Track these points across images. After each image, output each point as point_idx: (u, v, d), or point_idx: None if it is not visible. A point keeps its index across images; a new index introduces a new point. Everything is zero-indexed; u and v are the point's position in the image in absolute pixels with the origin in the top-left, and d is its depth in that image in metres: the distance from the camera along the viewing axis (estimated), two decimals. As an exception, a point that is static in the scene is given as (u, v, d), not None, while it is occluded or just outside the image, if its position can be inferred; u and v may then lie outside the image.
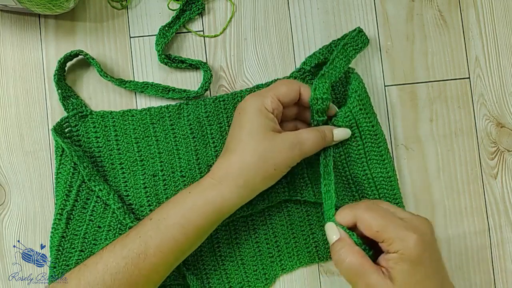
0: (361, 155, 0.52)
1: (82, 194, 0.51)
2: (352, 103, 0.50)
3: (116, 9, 0.55)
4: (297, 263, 0.53)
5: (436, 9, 0.56)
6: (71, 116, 0.52)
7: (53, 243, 0.51)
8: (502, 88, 0.56)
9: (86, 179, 0.50)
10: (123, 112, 0.53)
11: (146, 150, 0.53)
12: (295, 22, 0.56)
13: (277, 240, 0.53)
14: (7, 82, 0.54)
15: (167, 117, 0.53)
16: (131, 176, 0.53)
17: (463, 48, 0.57)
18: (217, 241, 0.53)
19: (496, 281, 0.55)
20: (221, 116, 0.54)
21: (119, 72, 0.55)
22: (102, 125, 0.53)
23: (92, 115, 0.53)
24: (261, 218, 0.54)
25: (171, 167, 0.53)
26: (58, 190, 0.51)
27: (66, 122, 0.52)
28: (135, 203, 0.52)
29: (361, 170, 0.52)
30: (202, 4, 0.55)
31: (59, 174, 0.51)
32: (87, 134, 0.53)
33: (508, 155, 0.56)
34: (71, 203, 0.51)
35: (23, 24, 0.55)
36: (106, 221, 0.51)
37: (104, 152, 0.53)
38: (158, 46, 0.53)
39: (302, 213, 0.54)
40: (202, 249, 0.53)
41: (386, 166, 0.52)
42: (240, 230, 0.53)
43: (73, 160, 0.50)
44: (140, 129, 0.53)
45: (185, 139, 0.53)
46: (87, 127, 0.53)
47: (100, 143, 0.53)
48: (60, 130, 0.52)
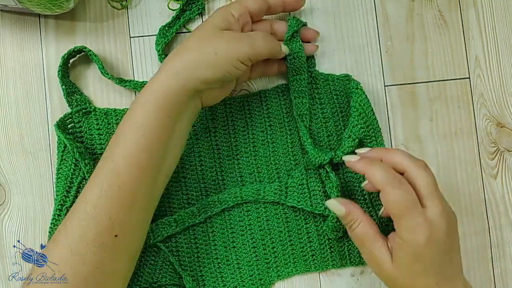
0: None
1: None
2: (353, 122, 0.51)
3: (116, 9, 0.55)
4: (293, 271, 0.53)
5: (436, 9, 0.56)
6: (74, 112, 0.52)
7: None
8: (502, 88, 0.56)
9: (87, 176, 0.50)
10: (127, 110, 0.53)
11: None
12: (295, 22, 0.56)
13: (274, 246, 0.53)
14: (7, 82, 0.54)
15: None
16: None
17: (463, 48, 0.57)
18: (214, 244, 0.53)
19: (496, 281, 0.55)
20: (226, 119, 0.54)
21: (119, 72, 0.55)
22: (105, 122, 0.53)
23: (96, 112, 0.53)
24: (259, 223, 0.53)
25: None
26: (59, 186, 0.51)
27: (69, 118, 0.52)
28: None
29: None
30: (202, 4, 0.55)
31: (60, 170, 0.51)
32: (90, 130, 0.53)
33: (508, 155, 0.56)
34: (71, 200, 0.51)
35: (23, 24, 0.55)
36: None
37: None
38: (158, 46, 0.53)
39: (300, 221, 0.53)
40: (199, 251, 0.52)
41: None
42: (238, 234, 0.53)
43: (75, 156, 0.50)
44: None
45: (188, 140, 0.53)
46: (90, 123, 0.53)
47: (103, 141, 0.53)
48: (63, 126, 0.52)
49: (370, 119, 0.51)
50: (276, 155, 0.54)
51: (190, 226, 0.52)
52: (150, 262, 0.51)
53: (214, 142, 0.54)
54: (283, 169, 0.54)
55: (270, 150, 0.54)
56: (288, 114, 0.54)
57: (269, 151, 0.54)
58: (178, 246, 0.52)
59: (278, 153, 0.54)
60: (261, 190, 0.52)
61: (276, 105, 0.54)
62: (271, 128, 0.54)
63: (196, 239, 0.53)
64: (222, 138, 0.54)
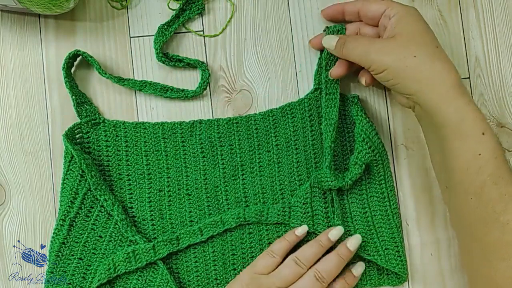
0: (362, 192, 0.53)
1: (87, 202, 0.51)
2: (358, 149, 0.50)
3: (116, 9, 0.55)
4: None
5: (436, 9, 0.56)
6: (83, 122, 0.52)
7: (53, 248, 0.51)
8: (502, 88, 0.56)
9: (92, 188, 0.50)
10: (136, 124, 0.53)
11: (155, 164, 0.53)
12: (295, 22, 0.56)
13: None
14: (7, 82, 0.54)
15: (179, 133, 0.53)
16: (137, 188, 0.53)
17: (463, 48, 0.56)
18: (214, 264, 0.52)
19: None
20: (233, 138, 0.54)
21: (119, 72, 0.55)
22: (114, 135, 0.53)
23: (105, 123, 0.53)
24: (260, 246, 0.52)
25: (178, 184, 0.53)
26: (63, 196, 0.51)
27: (78, 128, 0.52)
28: (138, 215, 0.52)
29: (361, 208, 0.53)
30: (202, 4, 0.55)
31: (66, 180, 0.51)
32: (98, 142, 0.53)
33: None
34: (75, 210, 0.51)
35: (23, 24, 0.55)
36: (108, 231, 0.51)
37: (112, 162, 0.53)
38: (157, 45, 0.53)
39: (302, 243, 0.52)
40: (198, 270, 0.52)
41: (387, 209, 0.53)
42: (238, 256, 0.53)
43: (81, 167, 0.50)
44: (151, 143, 0.53)
45: (194, 157, 0.53)
46: (98, 135, 0.53)
47: (110, 153, 0.53)
48: (71, 136, 0.52)
49: (375, 143, 0.51)
50: (281, 175, 0.54)
51: (191, 245, 0.52)
52: (149, 279, 0.51)
53: (220, 161, 0.54)
54: (287, 189, 0.53)
55: (276, 170, 0.54)
56: (295, 133, 0.54)
57: (275, 171, 0.54)
58: (178, 264, 0.52)
59: (284, 173, 0.54)
60: (264, 212, 0.52)
61: (283, 124, 0.54)
62: (277, 147, 0.54)
63: (196, 258, 0.52)
64: (228, 157, 0.54)
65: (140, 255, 0.50)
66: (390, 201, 0.53)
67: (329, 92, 0.52)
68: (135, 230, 0.51)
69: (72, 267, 0.50)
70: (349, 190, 0.53)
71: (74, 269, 0.50)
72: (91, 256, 0.51)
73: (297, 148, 0.54)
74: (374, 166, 0.52)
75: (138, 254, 0.50)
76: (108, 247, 0.51)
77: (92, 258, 0.51)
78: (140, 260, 0.50)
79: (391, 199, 0.53)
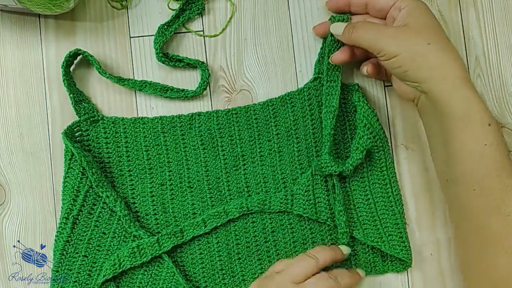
0: (366, 187, 0.53)
1: (89, 200, 0.51)
2: (360, 134, 0.51)
3: (116, 9, 0.55)
4: None
5: (436, 9, 0.56)
6: (82, 120, 0.52)
7: (57, 246, 0.51)
8: (502, 88, 0.56)
9: (94, 185, 0.50)
10: (135, 119, 0.53)
11: (156, 158, 0.53)
12: (295, 22, 0.56)
13: (279, 258, 0.52)
14: (7, 82, 0.54)
15: (178, 126, 0.54)
16: (138, 183, 0.53)
17: (463, 48, 0.56)
18: (219, 255, 0.52)
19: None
20: (232, 129, 0.54)
21: (119, 72, 0.55)
22: (113, 131, 0.53)
23: (104, 120, 0.53)
24: (264, 235, 0.53)
25: (179, 177, 0.53)
26: (65, 194, 0.51)
27: (77, 127, 0.52)
28: (141, 211, 0.52)
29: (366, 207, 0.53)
30: (202, 4, 0.55)
31: (67, 178, 0.51)
32: (98, 139, 0.53)
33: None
34: (78, 208, 0.51)
35: (23, 24, 0.55)
36: (111, 227, 0.51)
37: (113, 158, 0.53)
38: (157, 45, 0.53)
39: (305, 231, 0.53)
40: (204, 262, 0.52)
41: (391, 200, 0.53)
42: (243, 245, 0.53)
43: (82, 165, 0.50)
44: (151, 137, 0.53)
45: (195, 150, 0.53)
46: (97, 132, 0.53)
47: (110, 149, 0.53)
48: (71, 134, 0.52)
49: (376, 129, 0.51)
50: (282, 164, 0.54)
51: (195, 237, 0.52)
52: (155, 273, 0.51)
53: (221, 152, 0.54)
54: (289, 178, 0.53)
55: (277, 160, 0.54)
56: (295, 122, 0.54)
57: (276, 160, 0.54)
58: (183, 257, 0.52)
59: (285, 162, 0.54)
60: (267, 201, 0.52)
61: (283, 114, 0.54)
62: (278, 137, 0.54)
63: (200, 249, 0.52)
64: (228, 148, 0.54)
65: (145, 250, 0.50)
66: (392, 187, 0.53)
67: (330, 80, 0.52)
68: (138, 225, 0.51)
69: (77, 265, 0.50)
70: (351, 177, 0.53)
71: (79, 266, 0.50)
72: (95, 253, 0.51)
73: (298, 137, 0.54)
74: (376, 152, 0.52)
75: (143, 248, 0.50)
76: (113, 243, 0.51)
77: (97, 255, 0.51)
78: (145, 254, 0.50)
79: (393, 185, 0.53)
